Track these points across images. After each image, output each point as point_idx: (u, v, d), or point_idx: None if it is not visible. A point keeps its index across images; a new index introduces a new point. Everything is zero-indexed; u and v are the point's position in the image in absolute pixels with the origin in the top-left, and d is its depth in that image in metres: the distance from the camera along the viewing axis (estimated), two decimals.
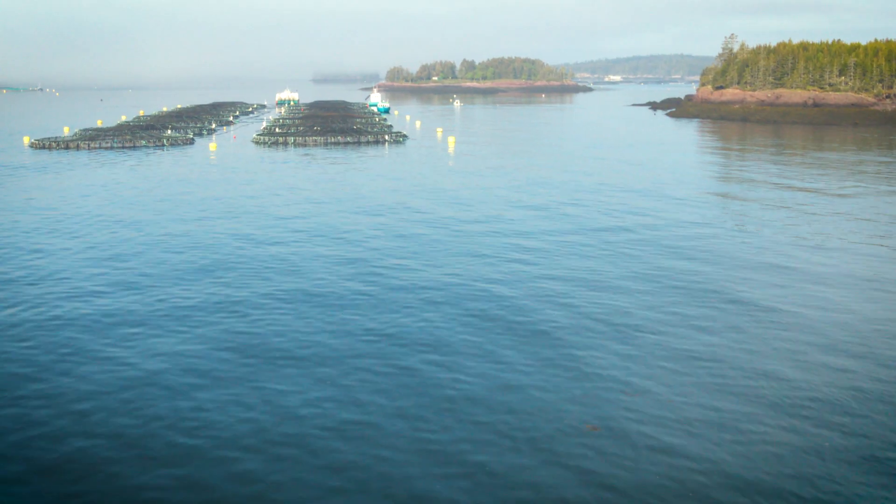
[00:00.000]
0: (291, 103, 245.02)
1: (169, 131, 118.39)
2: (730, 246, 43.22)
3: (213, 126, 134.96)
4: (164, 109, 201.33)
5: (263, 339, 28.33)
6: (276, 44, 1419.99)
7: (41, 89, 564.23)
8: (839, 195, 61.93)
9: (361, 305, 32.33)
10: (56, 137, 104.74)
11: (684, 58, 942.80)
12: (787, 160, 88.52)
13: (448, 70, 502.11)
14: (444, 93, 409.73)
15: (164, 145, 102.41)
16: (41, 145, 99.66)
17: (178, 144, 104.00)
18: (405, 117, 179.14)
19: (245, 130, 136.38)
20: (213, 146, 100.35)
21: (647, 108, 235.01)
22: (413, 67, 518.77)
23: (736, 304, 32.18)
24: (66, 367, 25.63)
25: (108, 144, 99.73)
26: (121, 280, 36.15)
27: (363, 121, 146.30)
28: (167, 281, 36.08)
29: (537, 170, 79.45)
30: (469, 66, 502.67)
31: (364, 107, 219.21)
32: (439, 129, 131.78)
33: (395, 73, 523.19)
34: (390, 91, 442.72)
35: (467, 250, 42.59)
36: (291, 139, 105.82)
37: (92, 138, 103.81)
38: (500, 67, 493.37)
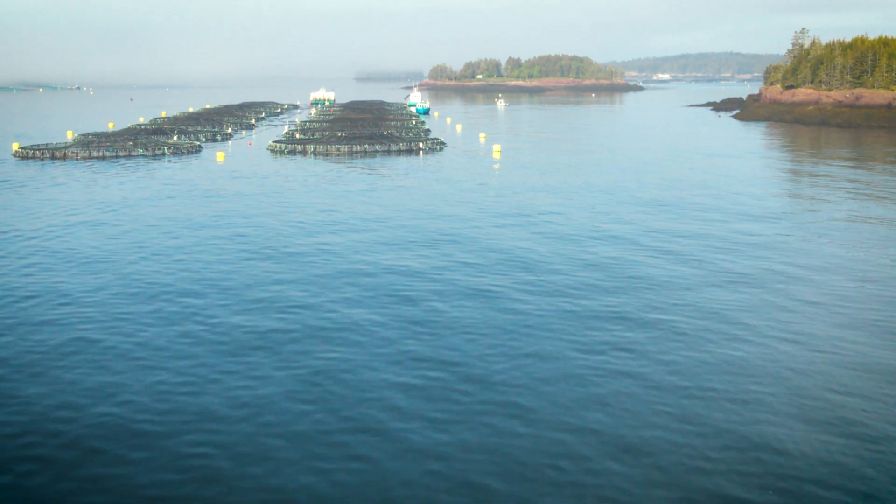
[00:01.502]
0: (326, 103, 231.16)
1: (175, 137, 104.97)
2: None
3: (229, 130, 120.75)
4: (191, 110, 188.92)
5: None
6: (319, 41, 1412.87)
7: (78, 88, 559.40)
8: None
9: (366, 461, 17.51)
10: (44, 145, 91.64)
11: (734, 56, 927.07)
12: None
13: (493, 68, 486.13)
14: (489, 92, 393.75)
15: (164, 154, 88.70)
16: (25, 154, 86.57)
17: (182, 153, 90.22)
18: (445, 119, 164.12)
19: (266, 135, 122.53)
20: (220, 156, 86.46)
21: (707, 109, 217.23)
22: (457, 65, 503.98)
23: None
24: None
25: (100, 154, 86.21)
26: None
27: (398, 124, 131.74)
28: (65, 387, 21.61)
29: (613, 189, 63.93)
30: (515, 63, 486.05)
31: (403, 107, 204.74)
32: (482, 135, 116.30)
33: (439, 72, 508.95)
34: (433, 90, 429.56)
35: (542, 323, 27.66)
36: (311, 147, 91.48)
37: (84, 146, 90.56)
38: (547, 65, 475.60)
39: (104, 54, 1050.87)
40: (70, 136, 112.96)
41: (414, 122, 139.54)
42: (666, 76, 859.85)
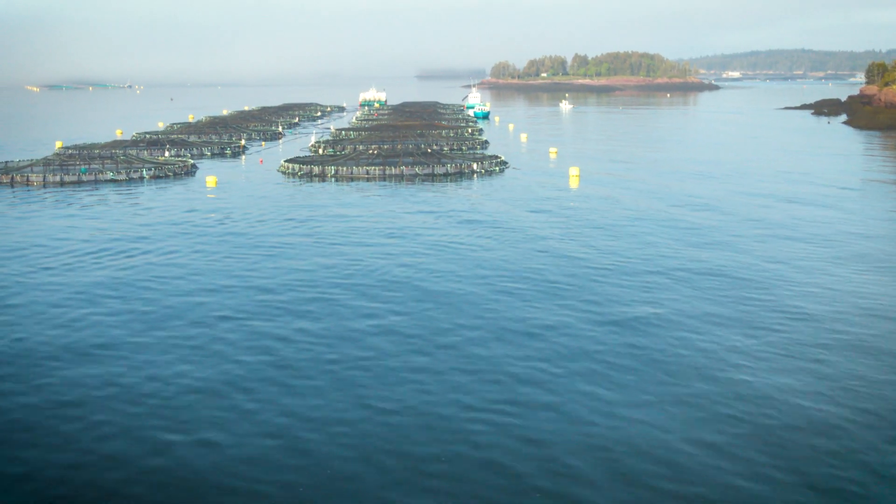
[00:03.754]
0: (376, 105, 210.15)
1: (167, 153, 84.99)
2: None
3: (243, 142, 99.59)
4: (224, 112, 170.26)
5: None
6: (380, 38, 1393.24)
7: (129, 86, 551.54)
8: None
9: None
10: (2, 164, 72.50)
11: (805, 52, 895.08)
12: None
13: (558, 66, 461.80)
14: (554, 91, 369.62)
15: (143, 179, 68.58)
16: None
17: (166, 176, 70.01)
18: (507, 126, 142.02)
19: (292, 146, 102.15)
20: (212, 181, 66.12)
21: (805, 112, 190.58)
22: (520, 63, 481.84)
23: None
24: None
25: (57, 178, 66.42)
26: None
27: (451, 133, 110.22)
28: None
29: (788, 237, 41.24)
30: (581, 61, 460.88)
31: (460, 109, 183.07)
32: (553, 150, 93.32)
33: (501, 69, 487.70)
34: (495, 89, 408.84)
35: None
36: (332, 169, 70.33)
37: (49, 164, 71.28)
38: (616, 63, 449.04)
39: (161, 51, 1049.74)
40: (59, 146, 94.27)
41: (470, 130, 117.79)
42: (736, 74, 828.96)
